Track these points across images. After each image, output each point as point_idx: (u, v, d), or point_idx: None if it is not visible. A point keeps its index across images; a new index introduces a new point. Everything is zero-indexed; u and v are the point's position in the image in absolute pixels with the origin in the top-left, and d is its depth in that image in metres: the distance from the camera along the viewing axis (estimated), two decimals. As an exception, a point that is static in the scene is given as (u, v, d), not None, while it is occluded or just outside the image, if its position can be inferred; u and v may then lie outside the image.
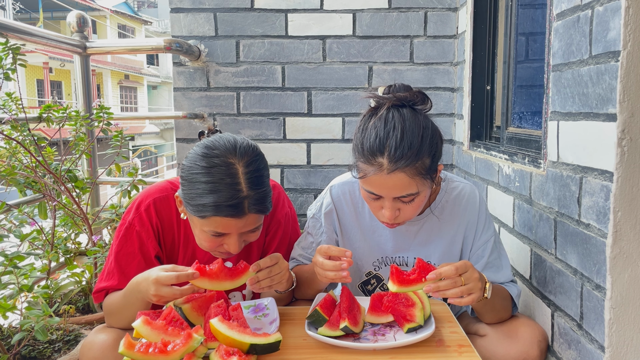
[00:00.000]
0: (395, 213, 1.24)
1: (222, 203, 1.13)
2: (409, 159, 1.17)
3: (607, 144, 1.09)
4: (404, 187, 1.19)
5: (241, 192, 1.14)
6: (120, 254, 1.31)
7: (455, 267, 1.12)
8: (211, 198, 1.13)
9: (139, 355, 0.96)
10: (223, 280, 1.16)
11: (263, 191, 1.18)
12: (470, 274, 1.14)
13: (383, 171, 1.18)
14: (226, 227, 1.17)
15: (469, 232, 1.40)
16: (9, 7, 18.63)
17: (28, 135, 1.97)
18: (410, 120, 1.20)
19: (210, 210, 1.14)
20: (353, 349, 1.12)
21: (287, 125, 2.43)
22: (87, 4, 22.63)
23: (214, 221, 1.16)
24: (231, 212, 1.14)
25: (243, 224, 1.17)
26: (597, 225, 1.13)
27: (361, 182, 1.26)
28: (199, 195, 1.14)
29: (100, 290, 1.32)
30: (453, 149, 2.46)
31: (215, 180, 1.13)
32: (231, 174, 1.14)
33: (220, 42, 2.37)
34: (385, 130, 1.19)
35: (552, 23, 1.36)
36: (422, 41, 2.38)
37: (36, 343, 1.74)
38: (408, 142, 1.17)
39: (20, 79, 1.85)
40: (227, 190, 1.13)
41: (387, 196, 1.22)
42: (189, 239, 1.37)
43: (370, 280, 1.47)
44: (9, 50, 1.76)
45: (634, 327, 1.10)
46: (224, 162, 1.15)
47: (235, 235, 1.20)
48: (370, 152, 1.19)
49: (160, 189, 1.36)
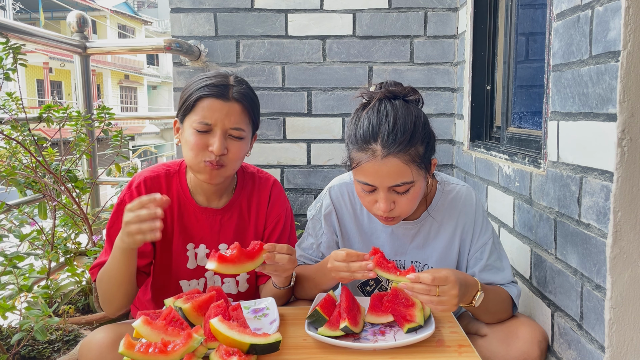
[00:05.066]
0: (390, 205, 1.23)
1: (210, 84, 1.30)
2: (402, 144, 1.17)
3: (607, 144, 1.09)
4: (399, 174, 1.19)
5: (228, 81, 1.33)
6: (112, 229, 1.36)
7: (433, 277, 1.12)
8: (202, 84, 1.31)
9: (139, 355, 0.96)
10: (245, 262, 1.19)
11: (248, 90, 1.35)
12: (448, 290, 1.12)
13: (377, 157, 1.18)
14: (212, 112, 1.28)
15: (465, 234, 1.39)
16: (9, 7, 18.63)
17: (28, 135, 1.97)
18: (402, 109, 1.22)
19: (200, 91, 1.29)
20: (353, 349, 1.12)
21: (287, 125, 2.43)
22: (87, 4, 22.64)
23: (202, 107, 1.28)
24: (217, 91, 1.29)
25: (227, 111, 1.29)
26: (597, 225, 1.13)
27: (355, 174, 1.25)
28: (192, 89, 1.32)
29: (94, 267, 1.36)
30: (453, 149, 2.46)
31: (208, 76, 1.34)
32: (222, 74, 1.35)
33: (220, 42, 2.37)
34: (377, 117, 1.20)
35: (552, 23, 1.36)
36: (422, 41, 2.38)
37: (35, 343, 1.74)
38: (401, 127, 1.18)
39: (21, 79, 1.84)
40: (217, 79, 1.32)
41: (382, 185, 1.21)
42: (184, 218, 1.40)
43: (369, 282, 1.47)
44: (10, 50, 1.76)
45: (634, 327, 1.10)
46: (218, 71, 1.37)
47: (220, 129, 1.28)
48: (363, 139, 1.20)
49: (153, 170, 1.42)
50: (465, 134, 2.23)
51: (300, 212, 2.44)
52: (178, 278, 1.42)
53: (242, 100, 1.31)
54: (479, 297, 1.21)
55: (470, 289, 1.20)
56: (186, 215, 1.41)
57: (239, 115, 1.31)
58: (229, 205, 1.43)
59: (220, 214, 1.42)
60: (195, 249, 1.42)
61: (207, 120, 1.28)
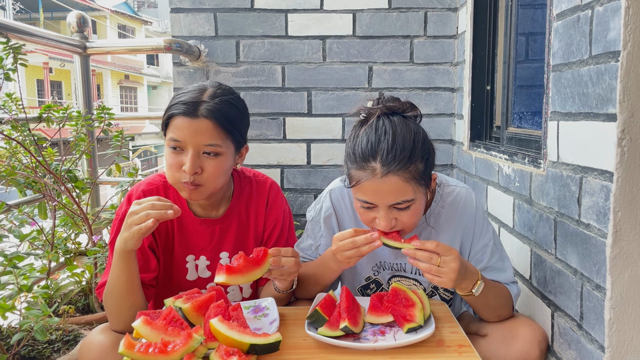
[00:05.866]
0: (391, 222, 1.21)
1: (181, 101, 1.25)
2: (401, 162, 1.16)
3: (607, 144, 1.09)
4: (399, 193, 1.17)
5: (200, 97, 1.26)
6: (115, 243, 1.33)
7: (438, 244, 1.15)
8: (175, 100, 1.27)
9: (139, 355, 0.96)
10: (253, 270, 1.19)
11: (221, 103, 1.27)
12: (449, 261, 1.15)
13: (376, 176, 1.16)
14: (181, 130, 1.24)
15: (466, 237, 1.39)
16: (9, 7, 18.63)
17: (28, 136, 1.97)
18: (401, 125, 1.20)
19: (171, 109, 1.26)
20: (353, 349, 1.12)
21: (287, 125, 2.43)
22: (87, 4, 22.63)
23: (174, 125, 1.25)
24: (185, 109, 1.24)
25: (195, 129, 1.23)
26: (597, 225, 1.13)
27: (354, 192, 1.23)
28: (169, 105, 1.28)
29: (101, 285, 1.34)
30: (453, 149, 2.46)
31: (185, 92, 1.29)
32: (199, 88, 1.29)
33: (220, 42, 2.37)
34: (376, 135, 1.19)
35: (552, 23, 1.36)
36: (422, 41, 2.38)
37: (35, 343, 1.74)
38: (400, 145, 1.17)
39: (21, 79, 1.85)
40: (190, 95, 1.27)
41: (382, 204, 1.19)
42: (183, 230, 1.39)
43: (370, 285, 1.47)
44: (10, 50, 1.76)
45: (634, 327, 1.10)
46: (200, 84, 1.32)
47: (192, 148, 1.24)
48: (362, 157, 1.18)
49: (150, 181, 1.40)
50: (465, 134, 2.23)
51: (300, 212, 2.44)
52: (179, 289, 1.40)
53: (211, 117, 1.24)
54: (479, 286, 1.22)
55: (470, 275, 1.21)
56: (185, 227, 1.39)
57: (211, 132, 1.24)
58: (227, 213, 1.42)
59: (220, 223, 1.41)
60: (196, 260, 1.41)
61: (177, 138, 1.24)
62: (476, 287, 1.22)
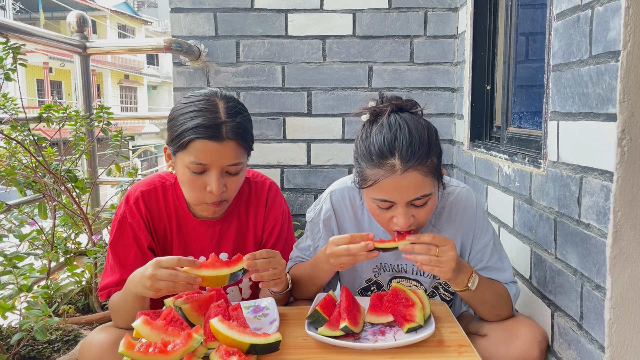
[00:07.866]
0: (410, 219, 1.20)
1: (201, 124, 1.20)
2: (420, 157, 1.16)
3: (607, 144, 1.09)
4: (419, 188, 1.17)
5: (219, 118, 1.22)
6: (117, 247, 1.35)
7: (434, 235, 1.16)
8: (192, 122, 1.21)
9: (138, 355, 0.96)
10: (220, 267, 1.17)
11: (242, 121, 1.25)
12: (447, 250, 1.16)
13: (396, 172, 1.15)
14: (206, 154, 1.21)
15: (466, 237, 1.39)
16: (9, 7, 18.63)
17: (28, 135, 1.97)
18: (413, 121, 1.20)
19: (191, 133, 1.20)
20: (353, 349, 1.12)
21: (287, 125, 2.43)
22: (87, 4, 22.63)
23: (195, 148, 1.21)
24: (209, 133, 1.20)
25: (221, 152, 1.21)
26: (597, 225, 1.13)
27: (370, 192, 1.21)
28: (181, 124, 1.22)
29: (104, 287, 1.34)
30: (453, 149, 2.46)
31: (196, 109, 1.23)
32: (211, 104, 1.24)
33: (220, 42, 2.37)
34: (392, 132, 1.18)
35: (552, 23, 1.36)
36: (422, 41, 2.38)
37: (35, 343, 1.74)
38: (417, 139, 1.17)
39: (21, 79, 1.85)
40: (207, 115, 1.21)
41: (401, 201, 1.18)
42: (182, 231, 1.39)
43: (371, 287, 1.46)
44: (10, 50, 1.76)
45: (634, 327, 1.10)
46: (205, 97, 1.26)
47: (216, 169, 1.23)
48: (379, 155, 1.17)
49: (148, 183, 1.40)
50: (465, 134, 2.23)
51: (300, 212, 2.44)
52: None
53: (236, 137, 1.23)
54: (474, 279, 1.23)
55: (464, 268, 1.23)
56: (184, 229, 1.39)
57: (236, 152, 1.24)
58: (227, 214, 1.41)
59: (219, 224, 1.41)
60: None
61: (202, 162, 1.22)
62: (471, 280, 1.23)
